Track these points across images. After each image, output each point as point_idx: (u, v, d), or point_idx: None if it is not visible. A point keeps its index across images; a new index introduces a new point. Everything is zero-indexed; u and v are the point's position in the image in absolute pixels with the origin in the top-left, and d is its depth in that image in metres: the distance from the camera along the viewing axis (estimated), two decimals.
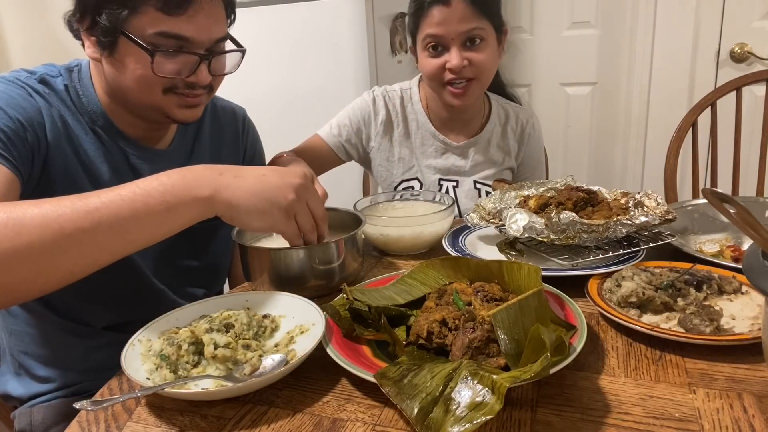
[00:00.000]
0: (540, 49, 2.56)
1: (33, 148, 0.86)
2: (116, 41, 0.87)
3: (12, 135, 0.82)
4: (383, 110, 1.43)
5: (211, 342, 0.71)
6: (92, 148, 0.95)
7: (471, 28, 1.25)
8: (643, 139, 2.49)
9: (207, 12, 0.89)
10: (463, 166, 1.44)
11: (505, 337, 0.64)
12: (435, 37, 1.26)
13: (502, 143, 1.46)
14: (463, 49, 1.27)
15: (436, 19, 1.24)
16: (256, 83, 2.07)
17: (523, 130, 1.48)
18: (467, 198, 1.43)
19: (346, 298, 0.78)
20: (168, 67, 0.89)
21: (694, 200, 1.21)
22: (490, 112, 1.46)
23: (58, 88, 0.93)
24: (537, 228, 0.93)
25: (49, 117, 0.89)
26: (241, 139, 1.20)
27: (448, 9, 1.23)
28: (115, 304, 1.01)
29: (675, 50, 2.33)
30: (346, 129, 1.43)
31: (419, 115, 1.44)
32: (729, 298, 0.81)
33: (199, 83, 0.93)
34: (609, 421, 0.60)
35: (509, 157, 1.47)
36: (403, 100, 1.45)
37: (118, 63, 0.89)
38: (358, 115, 1.43)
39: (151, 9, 0.85)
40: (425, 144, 1.44)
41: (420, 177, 1.44)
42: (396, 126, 1.44)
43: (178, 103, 0.94)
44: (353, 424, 0.62)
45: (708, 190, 0.57)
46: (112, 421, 0.65)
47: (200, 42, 0.90)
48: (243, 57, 0.98)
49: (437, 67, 1.29)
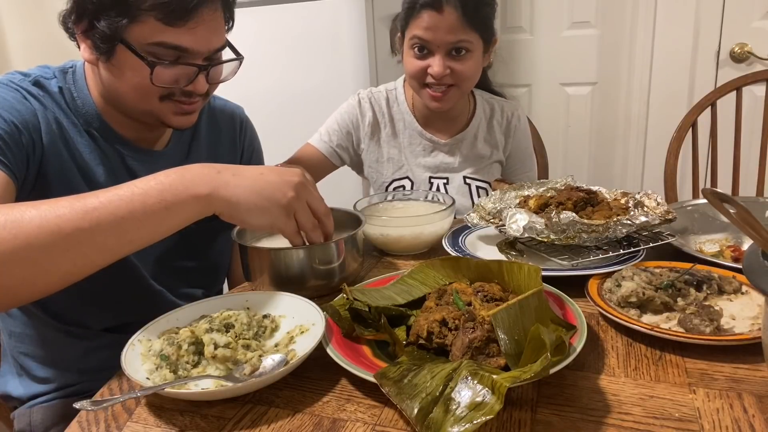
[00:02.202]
0: (540, 49, 2.56)
1: (28, 151, 0.86)
2: (114, 48, 0.87)
3: (7, 138, 0.82)
4: (369, 112, 1.44)
5: (211, 342, 0.71)
6: (87, 150, 0.94)
7: (458, 40, 1.25)
8: (643, 139, 2.49)
9: (207, 24, 0.88)
10: (452, 162, 1.44)
11: (505, 337, 0.64)
12: (421, 40, 1.26)
13: (489, 137, 1.47)
14: (448, 57, 1.27)
15: (425, 23, 1.24)
16: (255, 83, 2.07)
17: (509, 122, 1.49)
18: (458, 194, 1.43)
19: (346, 298, 0.78)
20: (166, 77, 0.89)
21: (694, 200, 1.21)
22: (475, 108, 1.47)
23: (52, 90, 0.93)
24: (537, 228, 0.93)
25: (44, 119, 0.89)
26: (239, 138, 1.19)
27: (439, 16, 1.23)
28: (114, 306, 1.01)
29: (675, 50, 2.33)
30: (336, 134, 1.44)
31: (405, 115, 1.44)
32: (729, 298, 0.81)
33: (197, 92, 0.93)
34: (609, 421, 0.60)
35: (497, 151, 1.48)
36: (389, 101, 1.46)
37: (115, 69, 0.89)
38: (346, 119, 1.45)
39: (152, 19, 0.84)
40: (413, 143, 1.44)
41: (410, 176, 1.44)
42: (383, 127, 1.45)
43: (174, 110, 0.93)
44: (353, 424, 0.62)
45: (708, 190, 0.57)
46: (112, 421, 0.65)
47: (199, 52, 0.90)
48: (240, 64, 0.98)
49: (419, 69, 1.29)
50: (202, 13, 0.87)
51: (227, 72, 0.98)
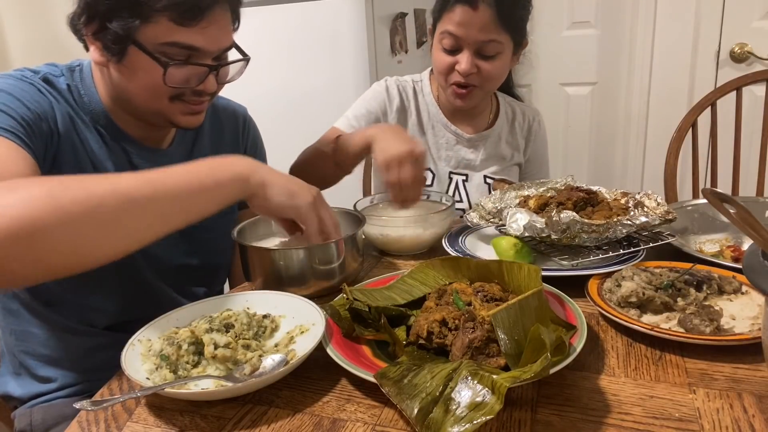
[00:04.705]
0: (540, 49, 2.55)
1: (47, 140, 0.87)
2: (126, 49, 0.87)
3: (32, 124, 0.84)
4: (398, 98, 1.42)
5: (211, 342, 0.71)
6: (96, 146, 0.95)
7: (489, 39, 1.23)
8: (643, 139, 2.49)
9: (218, 24, 0.90)
10: (473, 159, 1.44)
11: (505, 337, 0.64)
12: (452, 35, 1.25)
13: (511, 139, 1.47)
14: (476, 56, 1.26)
15: (458, 18, 1.23)
16: (255, 83, 2.06)
17: (530, 127, 1.49)
18: (477, 192, 1.43)
19: (346, 298, 0.78)
20: (178, 77, 0.90)
21: (694, 200, 1.21)
22: (499, 108, 1.47)
23: (61, 87, 0.94)
24: (537, 227, 0.93)
25: (59, 112, 0.91)
26: (242, 138, 1.20)
27: (473, 12, 1.21)
28: (118, 304, 1.02)
29: (675, 50, 2.33)
30: (365, 119, 1.41)
31: (430, 106, 1.44)
32: (729, 298, 0.81)
33: (207, 92, 0.95)
34: (609, 421, 0.60)
35: (518, 153, 1.48)
36: (415, 91, 1.45)
37: (126, 70, 0.90)
38: (374, 105, 1.42)
39: (165, 19, 0.85)
40: (437, 135, 1.44)
41: (432, 168, 1.44)
42: (410, 115, 1.44)
43: (182, 110, 0.95)
44: (353, 424, 0.62)
45: (708, 190, 0.57)
46: (112, 421, 0.65)
47: (209, 52, 0.91)
48: (247, 65, 0.99)
49: (447, 64, 1.28)
50: (213, 14, 0.88)
51: (234, 72, 0.99)
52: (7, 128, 0.79)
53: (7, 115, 0.81)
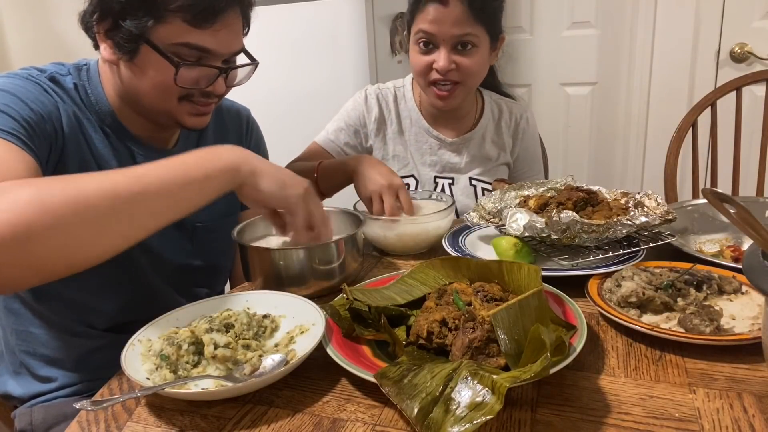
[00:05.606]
0: (540, 49, 2.56)
1: (51, 141, 0.87)
2: (138, 48, 0.88)
3: (35, 125, 0.84)
4: (376, 108, 1.43)
5: (211, 342, 0.71)
6: (102, 146, 0.96)
7: (464, 33, 1.24)
8: (643, 139, 2.49)
9: (230, 27, 0.91)
10: (458, 162, 1.44)
11: (505, 337, 0.64)
12: (426, 34, 1.25)
13: (497, 139, 1.46)
14: (453, 51, 1.26)
15: (431, 16, 1.24)
16: (255, 83, 2.07)
17: (518, 124, 1.47)
18: (464, 195, 1.43)
19: (346, 298, 0.78)
20: (188, 78, 0.90)
21: (694, 200, 1.21)
22: (483, 108, 1.46)
23: (67, 86, 0.94)
24: (537, 227, 0.93)
25: (64, 112, 0.91)
26: (245, 138, 1.21)
27: (444, 8, 1.22)
28: (119, 304, 1.02)
29: (675, 50, 2.33)
30: (343, 132, 1.43)
31: (412, 112, 1.44)
32: (729, 298, 0.81)
33: (215, 93, 0.96)
34: (609, 421, 0.60)
35: (504, 153, 1.47)
36: (396, 98, 1.45)
37: (137, 68, 0.90)
38: (353, 117, 1.44)
39: (178, 20, 0.86)
40: (419, 141, 1.44)
41: (416, 174, 1.44)
42: (389, 123, 1.44)
43: (190, 110, 0.95)
44: (353, 424, 0.62)
45: (708, 190, 0.57)
46: (112, 421, 0.65)
47: (220, 54, 0.92)
48: (255, 69, 1.00)
49: (425, 64, 1.28)
50: (226, 17, 0.89)
51: (242, 76, 1.01)
52: (7, 130, 0.79)
53: (8, 117, 0.81)
